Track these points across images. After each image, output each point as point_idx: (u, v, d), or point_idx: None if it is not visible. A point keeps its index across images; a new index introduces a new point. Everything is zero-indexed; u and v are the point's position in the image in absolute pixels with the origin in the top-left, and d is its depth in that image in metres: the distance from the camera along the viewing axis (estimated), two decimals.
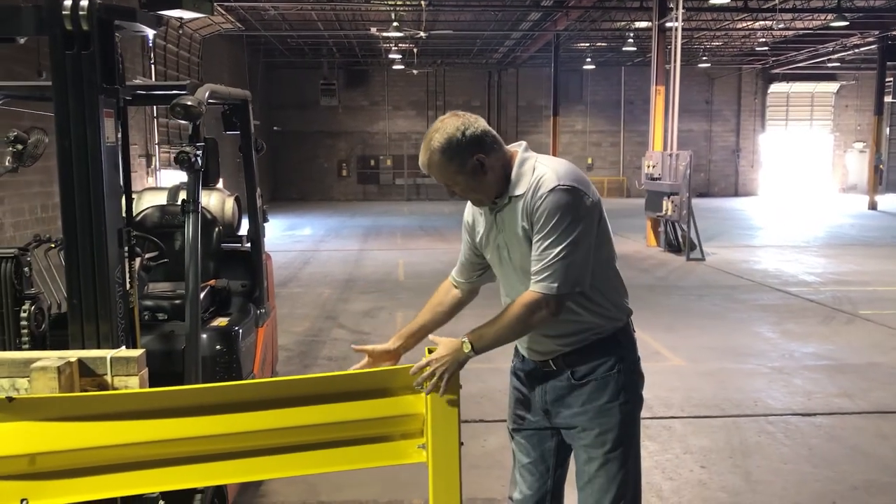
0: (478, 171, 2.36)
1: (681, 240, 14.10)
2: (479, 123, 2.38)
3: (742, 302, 9.69)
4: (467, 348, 2.35)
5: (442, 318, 2.74)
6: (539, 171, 2.37)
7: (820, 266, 12.60)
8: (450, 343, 2.37)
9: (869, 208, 24.14)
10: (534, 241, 2.33)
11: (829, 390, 6.06)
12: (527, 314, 2.34)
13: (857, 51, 25.83)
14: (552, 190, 2.30)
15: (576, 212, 2.30)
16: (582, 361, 2.45)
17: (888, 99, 26.63)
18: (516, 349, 2.66)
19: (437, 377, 2.35)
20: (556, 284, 2.30)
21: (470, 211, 2.63)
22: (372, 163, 31.20)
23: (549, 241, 2.29)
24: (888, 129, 30.84)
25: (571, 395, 2.48)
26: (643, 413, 2.61)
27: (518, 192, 2.38)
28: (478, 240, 2.59)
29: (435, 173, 2.39)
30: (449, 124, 2.35)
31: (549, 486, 2.63)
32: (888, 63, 24.85)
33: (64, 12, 2.49)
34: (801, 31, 23.46)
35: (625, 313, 2.52)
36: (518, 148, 2.47)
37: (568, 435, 2.54)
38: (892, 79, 26.88)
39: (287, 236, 17.55)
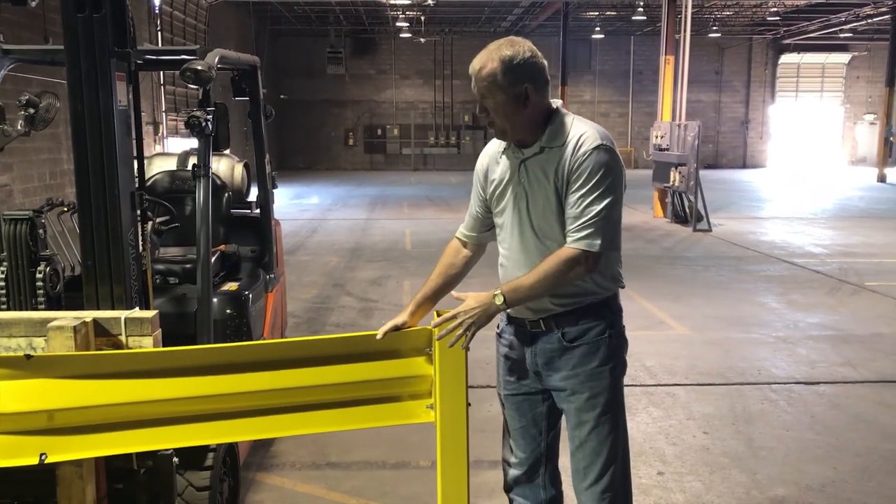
0: (521, 99, 2.34)
1: (688, 211, 14.09)
2: (544, 61, 2.40)
3: (748, 273, 9.71)
4: (499, 301, 2.34)
5: (454, 279, 2.71)
6: (579, 127, 2.38)
7: (827, 238, 12.58)
8: (480, 296, 2.36)
9: (878, 181, 23.99)
10: (571, 196, 2.33)
11: (832, 360, 6.10)
12: (565, 269, 2.32)
13: (869, 21, 25.48)
14: (597, 148, 2.31)
15: (616, 172, 2.34)
16: (573, 323, 2.46)
17: None
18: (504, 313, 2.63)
19: (465, 328, 2.33)
20: (597, 241, 2.31)
21: (485, 160, 2.61)
22: (379, 132, 31.08)
23: (592, 197, 2.30)
24: None
25: (562, 358, 2.48)
26: (647, 380, 2.67)
27: (554, 143, 2.37)
28: (490, 189, 2.55)
29: (481, 82, 2.34)
30: (523, 44, 2.36)
31: (543, 449, 2.64)
32: None
33: None
34: (813, 1, 23.15)
35: (618, 283, 2.54)
36: (556, 103, 2.46)
37: (558, 398, 2.55)
38: None
39: (294, 205, 17.58)
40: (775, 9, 25.24)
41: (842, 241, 12.28)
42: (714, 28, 28.67)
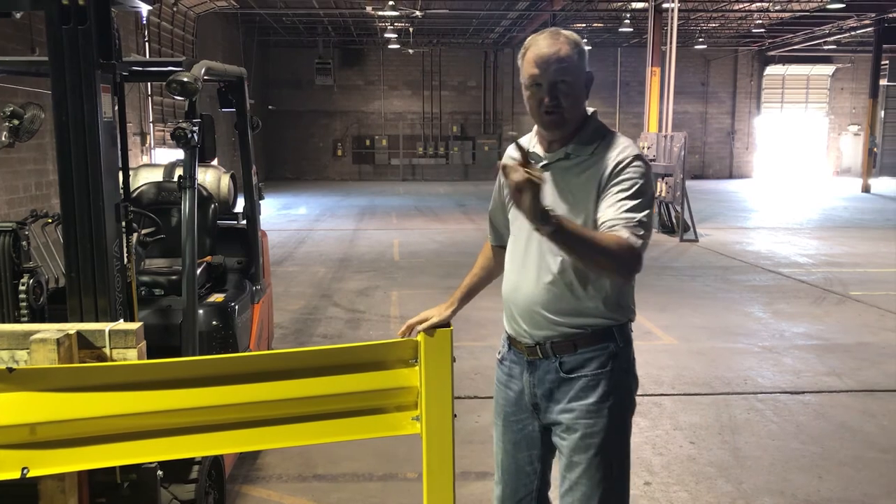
0: (587, 85, 2.28)
1: (674, 221, 14.15)
2: None
3: (734, 283, 9.76)
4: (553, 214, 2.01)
5: (492, 272, 2.65)
6: (617, 137, 2.31)
7: (812, 248, 12.67)
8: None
9: (862, 191, 24.19)
10: (610, 200, 2.17)
11: (818, 369, 6.14)
12: (617, 249, 2.08)
13: (853, 33, 25.79)
14: (638, 157, 2.24)
15: (652, 187, 2.29)
16: (571, 351, 2.30)
17: (883, 82, 26.61)
18: (506, 336, 2.51)
19: (528, 187, 1.93)
20: (641, 243, 2.14)
21: (506, 162, 2.35)
22: (367, 142, 31.09)
23: (634, 203, 2.16)
24: (883, 113, 30.83)
25: (560, 390, 2.33)
26: None
27: (581, 153, 2.27)
28: (506, 193, 2.40)
29: (560, 63, 2.19)
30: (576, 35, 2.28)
31: (534, 490, 2.49)
32: (884, 45, 24.81)
33: None
34: (797, 13, 23.40)
35: (628, 313, 2.38)
36: (590, 109, 2.37)
37: (552, 433, 2.39)
38: (887, 61, 26.85)
39: (282, 215, 17.54)
40: (760, 21, 25.48)
41: (827, 251, 12.38)
42: (700, 40, 28.91)
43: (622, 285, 2.37)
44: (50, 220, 3.48)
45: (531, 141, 2.41)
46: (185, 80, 3.09)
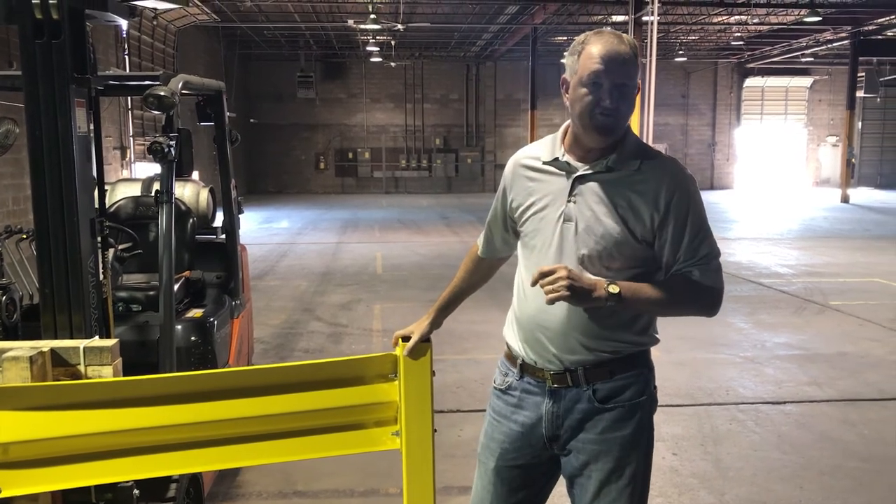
0: (637, 92, 2.12)
1: None
2: None
3: None
4: (614, 290, 2.00)
5: (477, 282, 2.55)
6: (662, 154, 2.17)
7: (793, 258, 12.78)
8: (593, 277, 2.06)
9: (841, 201, 24.47)
10: (672, 237, 2.08)
11: (799, 379, 6.17)
12: (702, 299, 2.10)
13: (829, 46, 26.16)
14: (693, 182, 2.12)
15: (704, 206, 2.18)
16: (606, 378, 2.14)
17: (860, 94, 26.97)
18: (511, 361, 2.30)
19: (566, 287, 1.95)
20: (717, 278, 2.12)
21: (512, 168, 2.29)
22: (350, 155, 31.07)
23: (703, 236, 2.11)
24: (860, 124, 31.26)
25: (591, 421, 2.15)
26: None
27: (624, 166, 2.10)
28: (519, 204, 2.23)
29: (626, 65, 2.04)
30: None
31: None
32: (860, 58, 25.16)
33: (34, 1, 2.47)
34: (775, 26, 23.72)
35: (655, 337, 2.24)
36: None
37: (572, 466, 2.20)
38: (863, 74, 27.23)
39: (264, 229, 17.47)
40: (739, 34, 25.79)
41: (807, 261, 12.48)
42: (680, 52, 29.22)
43: None
44: (24, 236, 3.44)
45: (555, 147, 2.19)
46: (162, 94, 3.07)
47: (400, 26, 21.51)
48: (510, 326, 2.31)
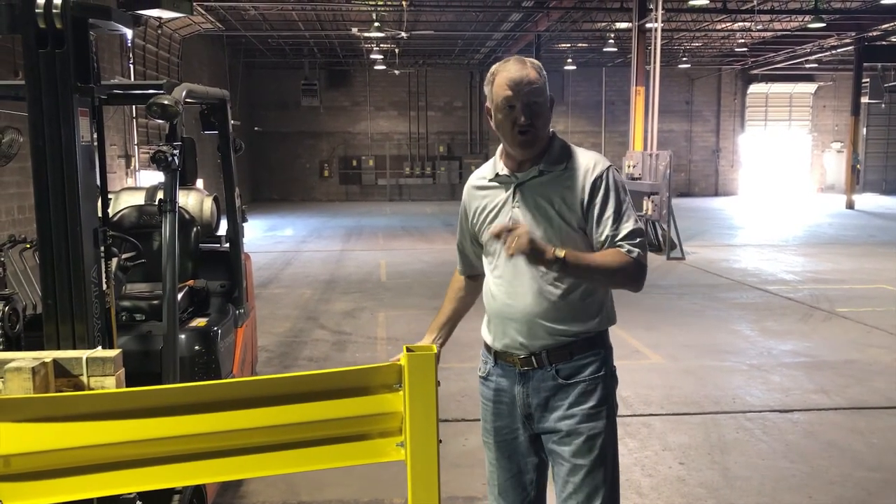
0: (550, 105, 2.41)
1: (661, 239, 14.19)
2: None
3: (721, 300, 9.77)
4: (560, 253, 2.23)
5: (467, 301, 2.75)
6: (583, 151, 2.46)
7: (798, 265, 12.73)
8: (545, 243, 2.28)
9: (846, 208, 24.41)
10: (600, 218, 2.36)
11: (806, 387, 6.13)
12: (628, 269, 2.34)
13: (834, 52, 26.10)
14: (610, 168, 2.41)
15: (627, 190, 2.46)
16: (567, 359, 2.40)
17: (865, 100, 26.90)
18: (488, 350, 2.57)
19: (527, 240, 2.17)
20: (639, 252, 2.35)
21: (468, 192, 2.60)
22: (354, 163, 31.11)
23: (621, 213, 2.38)
24: (865, 130, 31.20)
25: (556, 397, 2.41)
26: (623, 411, 2.63)
27: (553, 167, 2.40)
28: (479, 218, 2.53)
29: (531, 85, 2.32)
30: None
31: (534, 496, 2.55)
32: (864, 64, 25.14)
33: (37, 10, 2.47)
34: (779, 33, 23.68)
35: (612, 319, 2.52)
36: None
37: (550, 442, 2.45)
38: (868, 80, 27.16)
39: (268, 237, 17.47)
40: (743, 40, 25.76)
41: (813, 267, 12.43)
42: (684, 59, 29.20)
43: (608, 293, 2.52)
44: (28, 246, 3.44)
45: (496, 165, 2.51)
46: (166, 103, 3.07)
47: (404, 34, 21.54)
48: (484, 324, 2.59)
